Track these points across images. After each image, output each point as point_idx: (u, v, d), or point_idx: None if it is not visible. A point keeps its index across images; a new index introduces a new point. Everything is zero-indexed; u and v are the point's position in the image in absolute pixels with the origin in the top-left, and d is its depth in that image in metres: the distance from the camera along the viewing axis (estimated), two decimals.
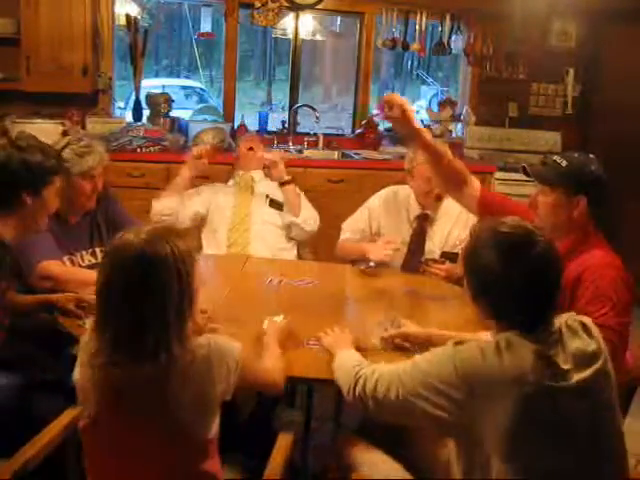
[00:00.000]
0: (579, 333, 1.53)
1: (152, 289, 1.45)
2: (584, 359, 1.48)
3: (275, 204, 3.30)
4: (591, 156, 2.17)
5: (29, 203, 2.00)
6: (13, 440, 1.69)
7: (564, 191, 2.10)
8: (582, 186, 2.09)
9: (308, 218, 3.25)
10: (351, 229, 3.07)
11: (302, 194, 3.34)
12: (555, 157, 2.16)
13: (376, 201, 3.07)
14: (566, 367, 1.45)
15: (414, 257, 2.93)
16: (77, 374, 1.57)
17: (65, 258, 2.52)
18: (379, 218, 3.02)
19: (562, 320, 1.54)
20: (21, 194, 1.98)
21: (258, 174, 3.39)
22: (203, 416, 1.53)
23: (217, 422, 1.56)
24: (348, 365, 1.74)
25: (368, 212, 3.05)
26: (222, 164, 3.69)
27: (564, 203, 2.11)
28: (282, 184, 3.24)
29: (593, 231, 2.16)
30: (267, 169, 3.28)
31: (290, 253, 3.26)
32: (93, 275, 2.42)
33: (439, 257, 2.88)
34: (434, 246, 2.94)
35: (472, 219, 2.94)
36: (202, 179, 3.45)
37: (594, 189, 2.11)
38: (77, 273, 2.47)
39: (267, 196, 3.30)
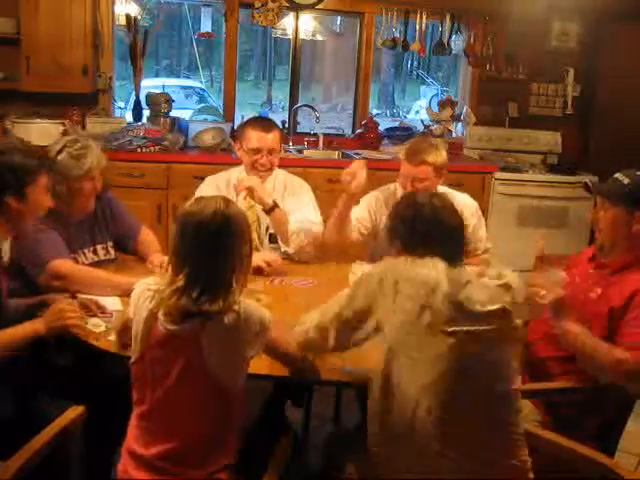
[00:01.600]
0: (490, 287, 1.69)
1: (226, 240, 1.67)
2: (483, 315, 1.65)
3: (276, 238, 2.97)
4: None
5: (14, 206, 2.00)
6: (14, 441, 1.69)
7: (624, 207, 2.16)
8: None
9: (304, 249, 2.89)
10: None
11: (312, 197, 3.09)
12: (618, 174, 2.22)
13: (375, 195, 3.05)
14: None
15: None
16: (135, 315, 1.74)
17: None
18: (381, 211, 2.98)
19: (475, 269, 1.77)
20: (3, 198, 1.97)
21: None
22: (230, 368, 1.69)
23: (244, 376, 1.73)
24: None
25: (367, 204, 3.01)
26: (222, 164, 3.67)
27: (624, 219, 2.16)
28: (267, 211, 2.86)
29: None
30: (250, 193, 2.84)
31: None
32: (103, 274, 2.44)
33: None
34: None
35: (475, 214, 2.99)
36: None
37: None
38: (89, 272, 2.44)
39: (267, 228, 2.97)
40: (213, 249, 1.67)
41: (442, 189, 2.98)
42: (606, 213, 2.21)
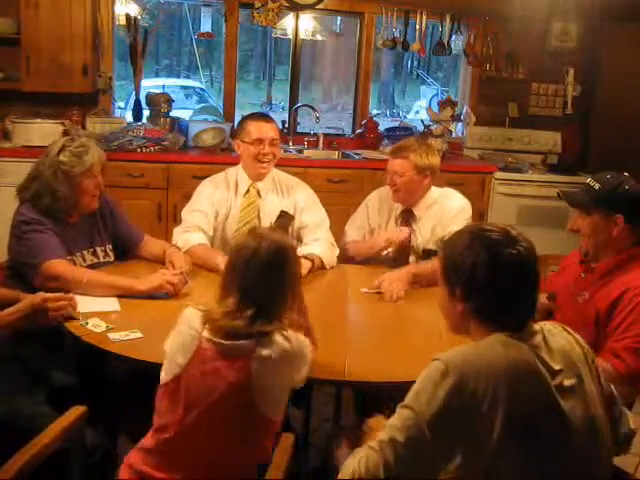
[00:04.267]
0: (562, 333, 1.55)
1: (279, 269, 1.71)
2: (570, 360, 1.49)
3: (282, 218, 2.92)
4: (625, 174, 2.21)
5: None
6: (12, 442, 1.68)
7: (600, 214, 2.15)
8: (617, 206, 2.13)
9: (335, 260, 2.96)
10: (353, 230, 3.08)
11: (312, 195, 3.06)
12: (589, 180, 2.20)
13: (371, 199, 3.12)
14: (557, 367, 1.45)
15: (402, 253, 2.94)
16: (169, 342, 1.73)
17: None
18: (374, 215, 3.07)
19: (541, 324, 1.55)
20: None
21: (265, 187, 2.98)
22: (272, 399, 1.68)
23: (284, 409, 1.72)
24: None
25: (366, 210, 3.10)
26: (222, 164, 3.66)
27: (602, 225, 2.15)
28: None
29: (638, 248, 2.19)
30: None
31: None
32: (97, 274, 2.43)
33: (421, 254, 2.93)
34: (418, 243, 2.98)
35: (456, 217, 2.96)
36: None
37: (630, 207, 2.14)
38: (83, 272, 2.42)
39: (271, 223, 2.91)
40: (267, 275, 1.68)
41: (437, 191, 3.00)
42: (584, 221, 2.20)
